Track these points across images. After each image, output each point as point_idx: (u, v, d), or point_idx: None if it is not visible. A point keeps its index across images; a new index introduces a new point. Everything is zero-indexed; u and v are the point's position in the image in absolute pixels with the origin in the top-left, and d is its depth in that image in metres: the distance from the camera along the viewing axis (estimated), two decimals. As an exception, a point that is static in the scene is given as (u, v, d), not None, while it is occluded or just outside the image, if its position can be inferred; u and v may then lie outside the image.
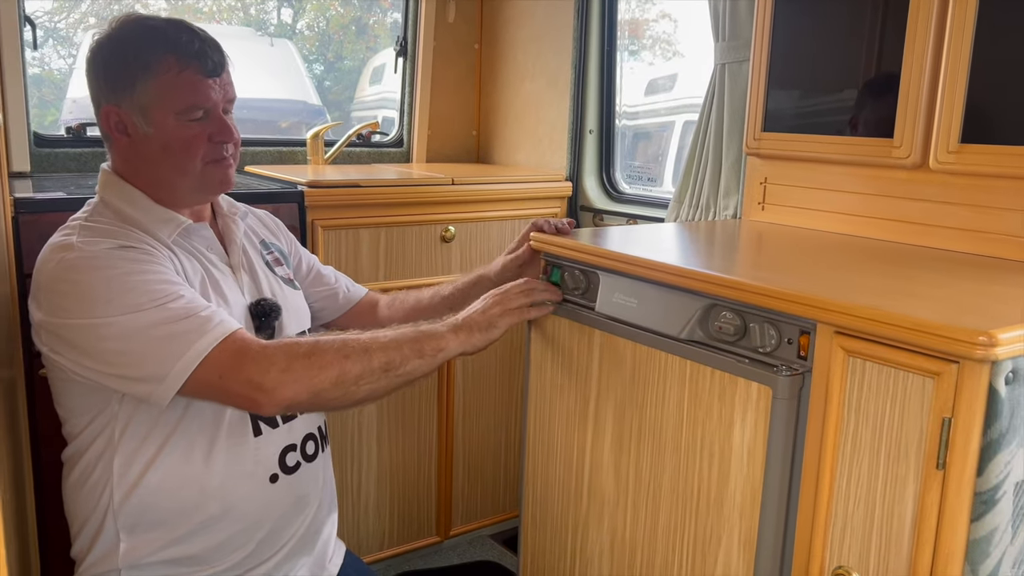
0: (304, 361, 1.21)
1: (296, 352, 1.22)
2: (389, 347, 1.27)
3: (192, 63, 1.29)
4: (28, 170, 2.15)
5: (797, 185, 1.77)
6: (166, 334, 1.19)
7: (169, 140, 1.30)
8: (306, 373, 1.20)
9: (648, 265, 1.32)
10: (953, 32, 1.42)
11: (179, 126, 1.30)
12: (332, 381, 1.22)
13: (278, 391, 1.19)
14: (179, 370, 1.19)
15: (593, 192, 2.59)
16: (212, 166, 1.34)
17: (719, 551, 1.22)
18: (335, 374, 1.22)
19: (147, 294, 1.21)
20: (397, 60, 2.82)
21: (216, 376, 1.19)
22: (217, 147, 1.33)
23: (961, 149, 1.44)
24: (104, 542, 1.31)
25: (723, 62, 2.02)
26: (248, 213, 1.55)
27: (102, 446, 1.30)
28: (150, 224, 1.32)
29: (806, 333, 1.12)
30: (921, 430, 0.98)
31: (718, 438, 1.20)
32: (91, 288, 1.21)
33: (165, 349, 1.19)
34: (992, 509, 0.96)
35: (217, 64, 1.32)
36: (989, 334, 0.91)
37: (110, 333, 1.20)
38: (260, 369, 1.19)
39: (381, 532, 2.36)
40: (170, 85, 1.28)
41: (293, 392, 1.19)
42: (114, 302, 1.20)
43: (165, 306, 1.21)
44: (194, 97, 1.30)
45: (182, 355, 1.19)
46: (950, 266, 1.36)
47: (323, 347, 1.24)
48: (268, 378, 1.18)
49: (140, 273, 1.23)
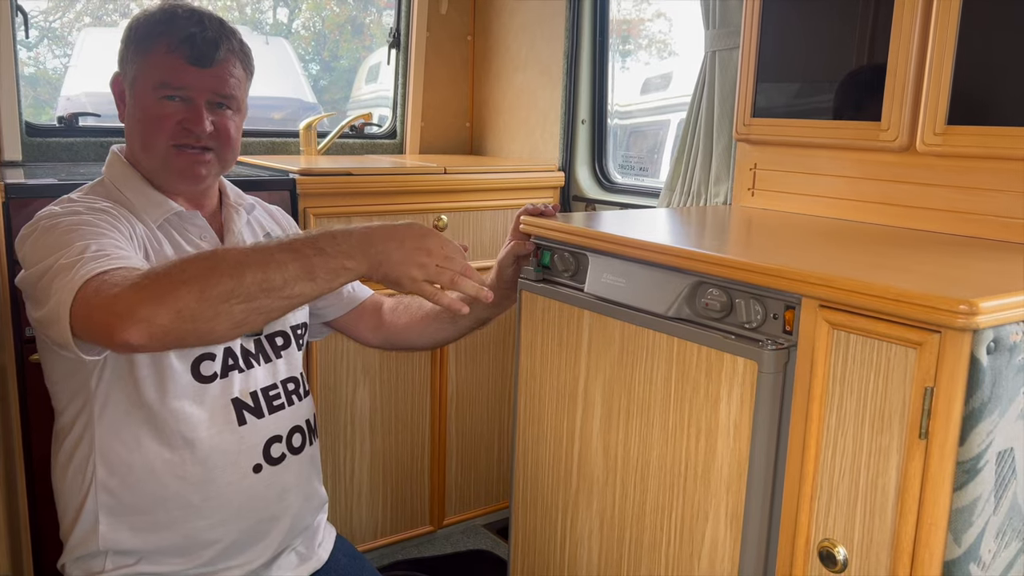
0: (163, 277, 1.03)
1: (155, 269, 1.06)
2: (269, 263, 1.06)
3: (180, 48, 1.31)
4: (20, 159, 2.15)
5: (787, 170, 1.77)
6: (60, 268, 1.08)
7: (143, 114, 1.33)
8: (163, 287, 1.01)
9: (636, 245, 1.32)
10: (940, 14, 1.43)
11: (154, 103, 1.32)
12: (195, 296, 1.01)
13: (134, 311, 0.99)
14: (61, 303, 1.05)
15: (585, 182, 2.60)
16: (177, 152, 1.33)
17: (706, 527, 1.22)
18: (197, 288, 1.01)
19: (76, 234, 1.14)
20: (390, 52, 2.82)
21: (84, 311, 1.04)
22: (186, 133, 1.33)
23: (948, 131, 1.45)
24: (87, 522, 1.31)
25: (713, 49, 2.02)
26: (256, 206, 1.55)
27: (84, 424, 1.29)
28: (139, 206, 1.32)
29: (791, 308, 1.13)
30: (904, 400, 0.99)
31: (705, 414, 1.21)
32: (43, 234, 1.18)
33: (56, 283, 1.08)
34: (975, 478, 0.97)
35: (204, 55, 1.32)
36: (970, 303, 0.92)
37: (35, 274, 1.13)
38: (114, 292, 1.02)
39: (374, 521, 2.37)
40: (153, 63, 1.32)
41: (150, 311, 1.00)
42: (50, 246, 1.14)
43: (73, 244, 1.11)
44: (167, 76, 1.32)
45: (64, 288, 1.06)
46: (936, 245, 1.37)
47: (185, 261, 1.06)
48: (122, 298, 1.01)
49: (86, 223, 1.18)
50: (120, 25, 2.98)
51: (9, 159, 2.12)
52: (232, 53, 1.36)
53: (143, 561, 1.32)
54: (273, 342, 1.44)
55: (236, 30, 1.39)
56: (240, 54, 1.38)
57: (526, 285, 1.51)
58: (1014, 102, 1.37)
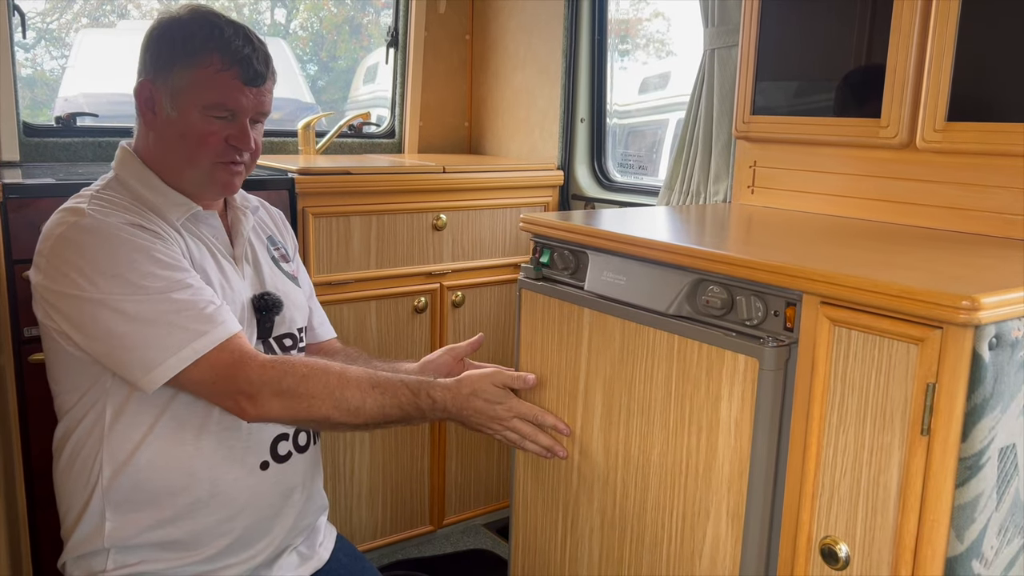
0: (297, 393, 1.25)
1: (291, 382, 1.26)
2: (386, 404, 1.30)
3: (233, 67, 1.31)
4: (17, 159, 2.14)
5: (786, 168, 1.77)
6: (166, 324, 1.20)
7: (188, 129, 1.32)
8: (295, 404, 1.26)
9: (636, 243, 1.32)
10: (939, 10, 1.43)
11: (201, 119, 1.32)
12: (315, 418, 1.28)
13: (264, 410, 1.25)
14: (172, 364, 1.20)
15: (585, 181, 2.60)
16: (221, 167, 1.36)
17: (708, 524, 1.22)
18: (322, 415, 1.27)
19: (153, 278, 1.21)
20: (388, 51, 2.82)
21: (209, 378, 1.22)
22: (231, 151, 1.35)
23: (947, 127, 1.44)
24: (91, 520, 1.31)
25: (712, 47, 2.02)
26: (259, 207, 1.56)
27: (92, 422, 1.30)
28: (162, 206, 1.33)
29: (792, 305, 1.12)
30: (906, 397, 0.99)
31: (706, 411, 1.20)
32: (95, 259, 1.21)
33: (162, 340, 1.20)
34: (977, 475, 0.97)
35: (258, 75, 1.34)
36: (972, 298, 0.91)
37: (107, 312, 1.20)
38: (254, 386, 1.23)
39: (374, 521, 2.36)
40: (205, 79, 1.31)
41: (277, 416, 1.27)
42: (117, 279, 1.20)
43: (169, 295, 1.21)
44: (223, 97, 1.32)
45: (178, 350, 1.20)
46: (936, 242, 1.37)
47: (317, 385, 1.26)
48: (260, 397, 1.24)
49: (147, 253, 1.23)
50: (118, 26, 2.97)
51: (7, 159, 2.12)
52: (272, 72, 1.38)
53: (145, 560, 1.32)
54: (282, 343, 1.45)
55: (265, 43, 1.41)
56: (274, 71, 1.40)
57: (526, 284, 1.51)
58: (1014, 98, 1.37)
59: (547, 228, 1.49)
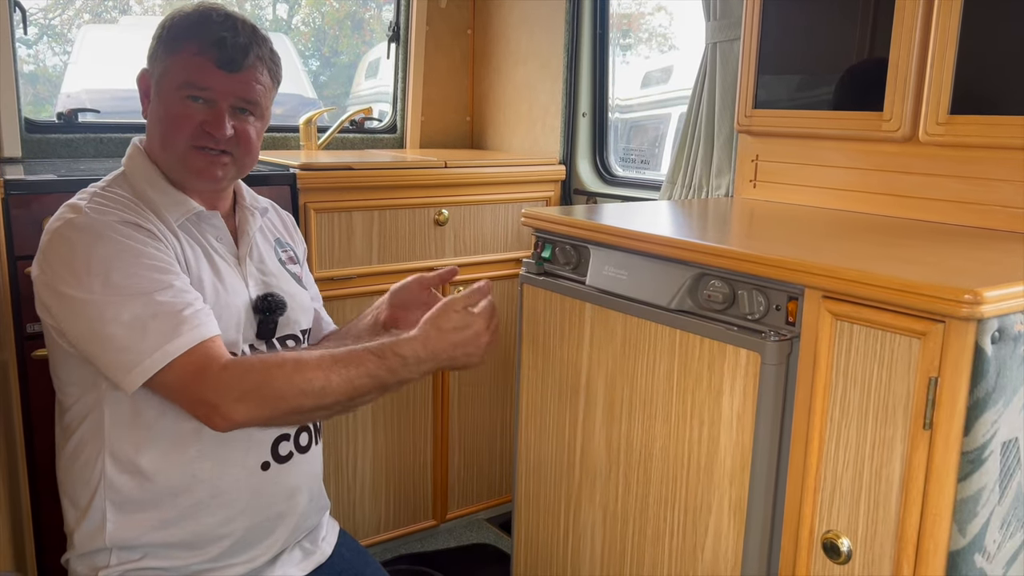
0: (260, 393, 1.20)
1: (251, 382, 1.21)
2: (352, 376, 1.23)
3: (209, 50, 1.31)
4: (19, 155, 2.14)
5: (788, 162, 1.77)
6: (141, 327, 1.19)
7: (166, 112, 1.33)
8: (260, 404, 1.21)
9: (637, 237, 1.32)
10: (942, 3, 1.42)
11: (178, 102, 1.32)
12: (285, 411, 1.22)
13: (231, 418, 1.20)
14: (147, 365, 1.18)
15: (586, 175, 2.59)
16: (195, 152, 1.34)
17: (710, 518, 1.22)
18: (290, 407, 1.22)
19: (137, 278, 1.21)
20: (390, 46, 2.81)
21: (178, 385, 1.20)
22: (204, 136, 1.33)
23: (950, 120, 1.44)
24: (94, 519, 1.31)
25: (714, 41, 2.01)
26: (270, 209, 1.56)
27: (94, 420, 1.30)
28: (162, 206, 1.33)
29: (794, 299, 1.12)
30: (908, 391, 0.98)
31: (708, 406, 1.20)
32: (83, 257, 1.21)
33: (138, 342, 1.19)
34: (979, 468, 0.96)
35: (233, 60, 1.32)
36: (975, 292, 0.91)
37: (91, 311, 1.19)
38: (217, 393, 1.19)
39: (377, 516, 2.37)
40: (181, 62, 1.32)
41: (245, 419, 1.21)
42: (101, 278, 1.20)
43: (151, 296, 1.20)
44: (192, 76, 1.31)
45: (152, 352, 1.18)
46: (939, 236, 1.36)
47: (277, 378, 1.21)
48: (223, 406, 1.19)
49: (135, 254, 1.23)
50: (120, 22, 2.97)
51: (9, 156, 2.12)
52: (261, 60, 1.36)
53: (148, 557, 1.32)
54: (284, 345, 1.45)
55: (268, 38, 1.39)
56: (269, 62, 1.38)
57: (527, 278, 1.51)
58: (1018, 91, 1.36)
59: (549, 223, 1.49)
